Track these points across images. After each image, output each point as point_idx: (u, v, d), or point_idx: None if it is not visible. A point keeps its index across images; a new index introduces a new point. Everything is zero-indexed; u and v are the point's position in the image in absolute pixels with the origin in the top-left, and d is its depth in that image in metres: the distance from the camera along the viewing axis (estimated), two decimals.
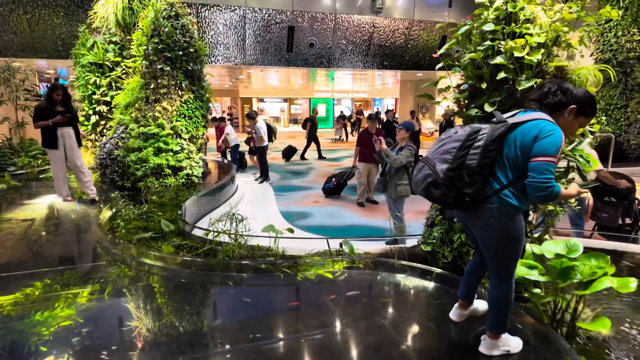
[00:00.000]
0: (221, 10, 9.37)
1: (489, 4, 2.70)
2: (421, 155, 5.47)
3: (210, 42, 9.63)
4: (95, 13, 6.91)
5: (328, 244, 3.29)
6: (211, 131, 9.07)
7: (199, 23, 9.19)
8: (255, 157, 9.56)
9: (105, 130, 7.01)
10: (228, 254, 3.25)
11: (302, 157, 12.63)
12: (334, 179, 7.43)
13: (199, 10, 9.06)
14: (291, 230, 3.53)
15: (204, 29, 9.41)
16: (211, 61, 9.69)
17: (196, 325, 2.37)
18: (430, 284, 2.90)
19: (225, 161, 9.69)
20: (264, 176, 8.95)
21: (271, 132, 8.83)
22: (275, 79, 20.41)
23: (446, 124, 12.67)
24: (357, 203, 6.96)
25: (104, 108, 7.05)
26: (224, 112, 25.92)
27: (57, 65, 10.17)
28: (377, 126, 6.75)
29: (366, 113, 27.12)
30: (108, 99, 6.98)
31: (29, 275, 3.00)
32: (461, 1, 11.33)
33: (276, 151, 13.14)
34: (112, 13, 6.67)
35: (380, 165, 5.97)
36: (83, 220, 4.56)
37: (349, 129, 20.26)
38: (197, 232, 4.04)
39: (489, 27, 2.57)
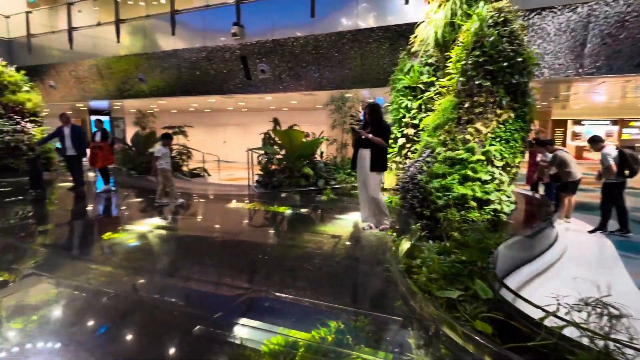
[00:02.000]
0: (555, 13, 7.59)
1: None
2: None
3: (535, 52, 7.99)
4: (415, 37, 6.94)
5: None
6: None
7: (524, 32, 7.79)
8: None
9: (409, 154, 6.89)
10: None
11: None
12: None
13: (527, 17, 7.66)
14: None
15: (529, 39, 7.90)
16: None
17: None
18: None
19: (537, 196, 7.78)
20: (624, 227, 6.26)
21: (626, 162, 6.09)
22: (605, 95, 15.56)
23: None
24: None
25: (411, 131, 6.96)
26: None
27: (376, 94, 11.39)
28: None
29: None
30: (416, 121, 6.84)
31: (325, 309, 2.73)
32: None
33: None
34: (432, 33, 6.45)
35: None
36: (380, 248, 4.26)
37: None
38: (506, 292, 2.84)
39: None
